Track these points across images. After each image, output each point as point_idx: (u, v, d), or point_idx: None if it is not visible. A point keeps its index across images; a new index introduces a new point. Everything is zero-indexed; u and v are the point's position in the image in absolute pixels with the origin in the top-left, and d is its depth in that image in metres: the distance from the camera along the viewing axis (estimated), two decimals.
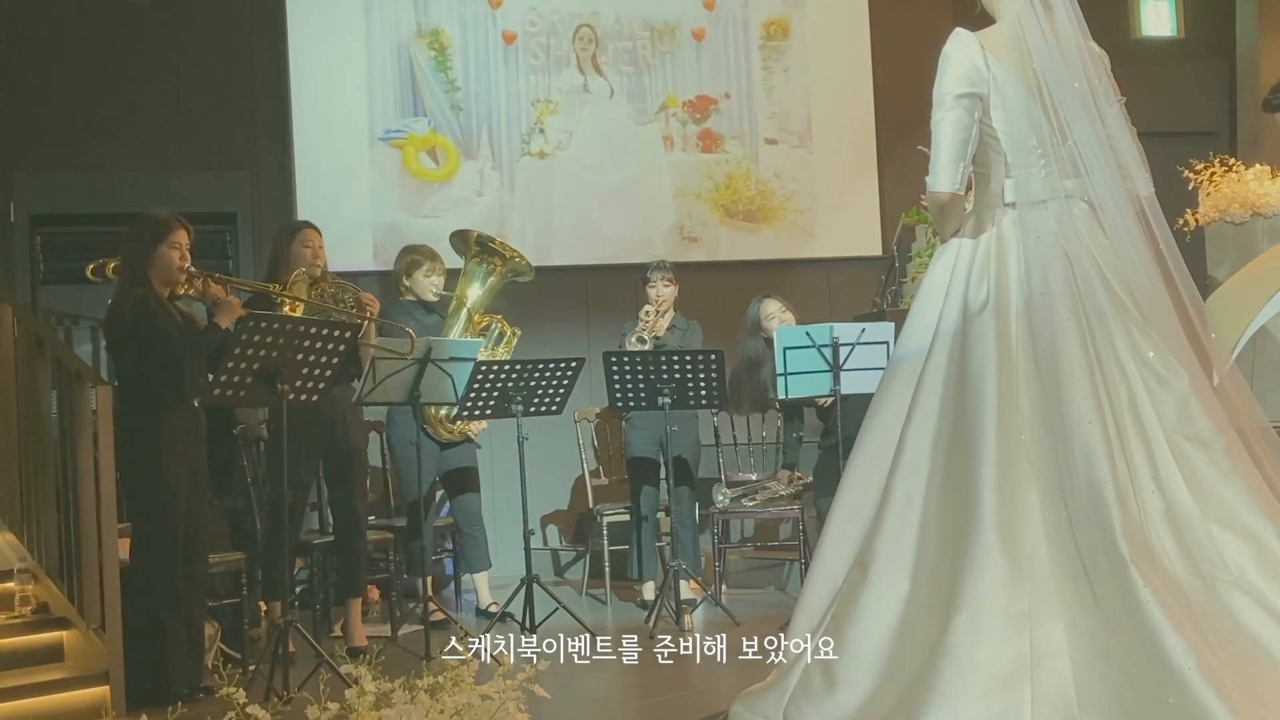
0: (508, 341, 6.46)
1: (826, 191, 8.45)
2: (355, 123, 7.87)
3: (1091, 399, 3.19)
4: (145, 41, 7.68)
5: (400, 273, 6.44)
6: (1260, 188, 6.47)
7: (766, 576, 7.26)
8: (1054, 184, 3.38)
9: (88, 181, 7.61)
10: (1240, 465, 3.21)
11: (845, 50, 8.54)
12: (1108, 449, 3.13)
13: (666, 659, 5.33)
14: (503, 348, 6.43)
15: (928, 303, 3.50)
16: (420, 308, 6.38)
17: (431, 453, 6.32)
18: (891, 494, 3.35)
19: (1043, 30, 3.37)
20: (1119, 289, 3.31)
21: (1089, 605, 3.05)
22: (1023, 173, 3.41)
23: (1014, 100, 3.39)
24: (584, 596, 7.03)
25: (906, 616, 3.25)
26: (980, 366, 3.32)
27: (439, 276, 6.39)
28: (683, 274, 6.70)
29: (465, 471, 6.50)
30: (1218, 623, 2.98)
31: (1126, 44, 8.85)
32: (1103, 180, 3.34)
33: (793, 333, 5.83)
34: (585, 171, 8.13)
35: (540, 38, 8.12)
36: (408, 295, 6.41)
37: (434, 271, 6.38)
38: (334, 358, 4.85)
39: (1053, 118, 3.36)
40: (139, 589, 4.72)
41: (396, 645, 5.74)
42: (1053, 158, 3.38)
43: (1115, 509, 3.06)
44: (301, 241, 5.63)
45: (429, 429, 6.30)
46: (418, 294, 6.38)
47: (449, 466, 6.46)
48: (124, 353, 4.87)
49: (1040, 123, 3.38)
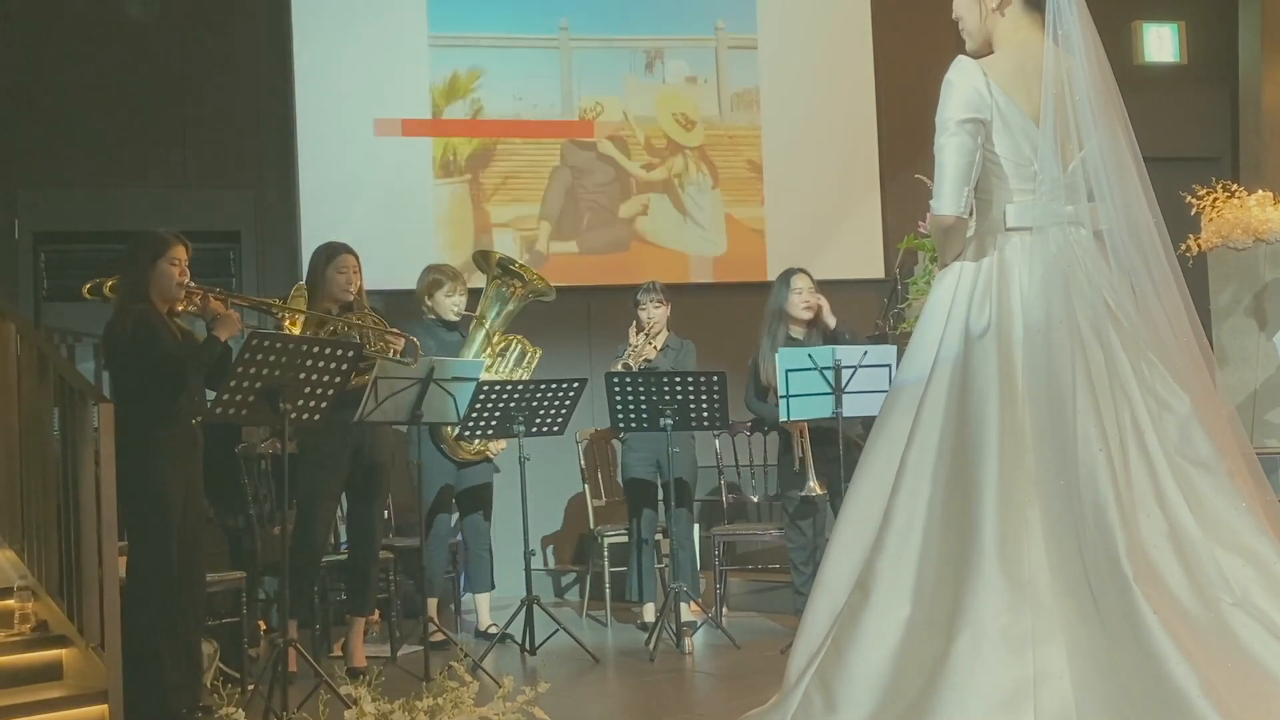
0: (529, 361, 6.47)
1: (829, 213, 8.47)
2: (361, 142, 7.89)
3: (1095, 422, 3.19)
4: (151, 60, 7.71)
5: (422, 291, 6.46)
6: (1263, 213, 6.48)
7: (768, 600, 7.25)
8: (1056, 210, 3.40)
9: (92, 199, 7.63)
10: (1243, 488, 3.21)
11: (848, 73, 8.57)
12: (1111, 472, 3.13)
13: (667, 681, 5.35)
14: (524, 368, 6.44)
15: (929, 328, 3.51)
16: (441, 326, 6.40)
17: (447, 470, 6.33)
18: (892, 516, 3.35)
19: (1056, 56, 3.39)
20: (1120, 314, 3.32)
21: (1092, 627, 3.04)
22: (1025, 198, 3.43)
23: (1016, 126, 3.41)
24: (584, 618, 7.01)
25: (907, 639, 3.24)
26: (982, 390, 3.32)
27: (460, 296, 6.41)
28: (683, 295, 6.70)
29: (480, 490, 6.50)
30: (1221, 645, 2.97)
31: (1130, 70, 8.88)
32: (1108, 207, 3.36)
33: (795, 355, 5.82)
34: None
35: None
36: (429, 314, 6.43)
37: (455, 291, 6.39)
38: (337, 377, 4.84)
39: (1057, 144, 3.38)
40: (135, 607, 4.71)
41: (396, 666, 5.72)
42: (1055, 184, 3.40)
43: (1119, 531, 3.06)
44: (337, 267, 5.63)
45: (445, 448, 6.30)
46: (439, 313, 6.40)
47: (465, 484, 6.46)
48: (123, 369, 4.87)
49: (1042, 149, 3.39)
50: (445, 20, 8.08)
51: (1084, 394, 3.23)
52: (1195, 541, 3.11)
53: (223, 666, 5.32)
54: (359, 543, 5.78)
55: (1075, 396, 3.23)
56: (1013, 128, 3.41)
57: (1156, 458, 3.20)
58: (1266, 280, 6.53)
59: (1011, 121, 3.41)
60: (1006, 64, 3.45)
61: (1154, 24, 9.07)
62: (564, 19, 8.22)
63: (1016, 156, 3.43)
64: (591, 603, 7.14)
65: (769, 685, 5.21)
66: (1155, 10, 9.10)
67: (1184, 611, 3.00)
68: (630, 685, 5.39)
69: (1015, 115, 3.40)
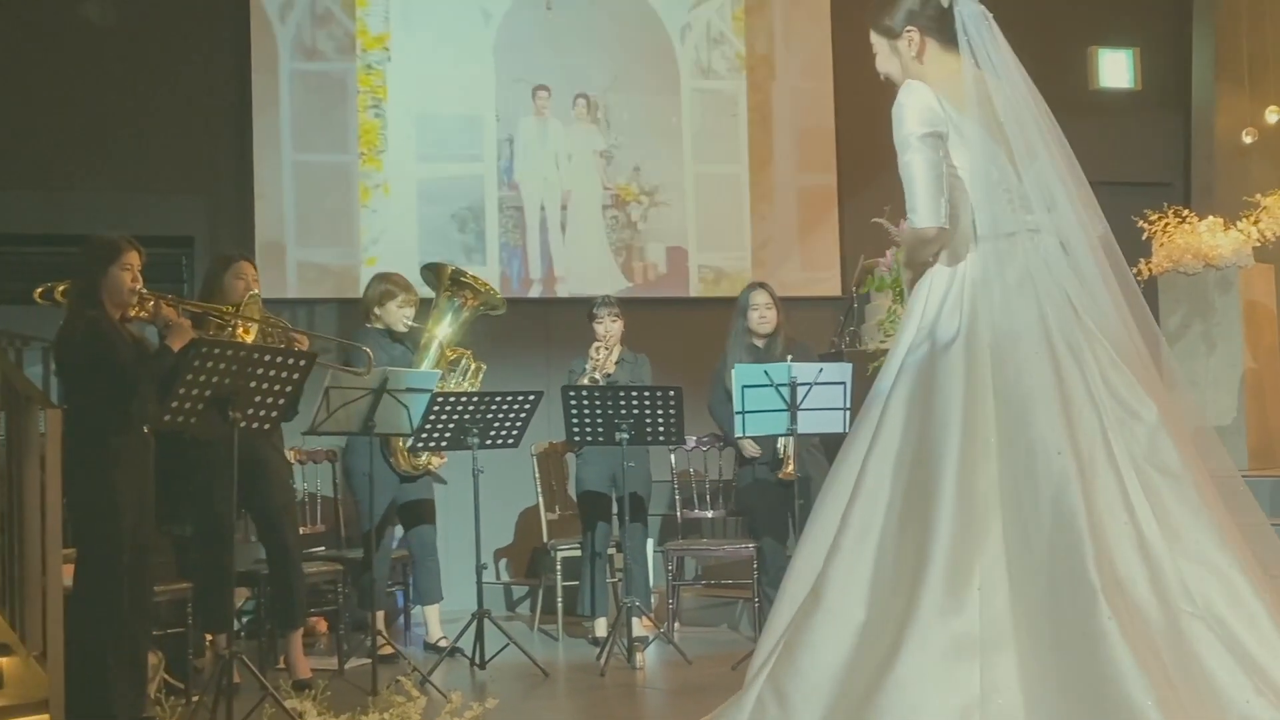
0: (473, 375, 6.44)
1: (786, 231, 8.51)
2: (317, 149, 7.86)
3: (1063, 430, 3.21)
4: (105, 63, 7.65)
5: (372, 300, 6.39)
6: (1212, 239, 6.56)
7: (720, 614, 7.24)
8: (1019, 218, 3.44)
9: (42, 201, 7.54)
10: (1208, 499, 3.23)
11: (807, 92, 8.62)
12: (1080, 480, 3.15)
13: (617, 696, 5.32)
14: (468, 381, 6.41)
15: (902, 337, 3.54)
16: (387, 336, 6.34)
17: (390, 483, 6.28)
18: (849, 521, 3.36)
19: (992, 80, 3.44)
20: (1090, 321, 3.36)
21: (1047, 637, 3.05)
22: (988, 206, 3.46)
23: (973, 138, 3.45)
24: (535, 632, 6.98)
25: (859, 645, 3.25)
26: (947, 398, 3.33)
27: (411, 308, 6.36)
28: (638, 309, 6.71)
29: (422, 503, 6.45)
30: (1179, 658, 2.99)
31: (1084, 95, 8.99)
32: (1065, 217, 3.40)
33: (750, 371, 5.84)
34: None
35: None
36: (377, 323, 6.37)
37: (407, 303, 6.34)
38: (288, 386, 4.80)
39: (1011, 157, 3.42)
40: (81, 615, 4.64)
41: (343, 679, 5.67)
42: (1015, 194, 3.44)
43: (1088, 540, 3.07)
44: (235, 274, 5.58)
45: (392, 460, 6.25)
46: (388, 323, 6.34)
47: (406, 498, 6.40)
48: (74, 376, 4.81)
49: (1000, 159, 3.43)
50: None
51: (1054, 401, 3.25)
52: (1159, 551, 3.13)
53: (167, 677, 5.26)
54: (274, 559, 5.68)
55: (1045, 403, 3.25)
56: (969, 139, 3.45)
57: (1124, 466, 3.22)
58: (1216, 305, 6.61)
59: (967, 133, 3.45)
60: (948, 89, 3.50)
61: (1109, 50, 9.19)
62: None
63: (975, 166, 3.47)
64: (543, 617, 7.11)
65: (720, 701, 5.20)
66: (1110, 36, 9.22)
67: (1145, 622, 3.01)
68: (580, 700, 5.37)
69: (970, 127, 3.45)
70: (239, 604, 6.33)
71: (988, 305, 3.40)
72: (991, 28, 3.51)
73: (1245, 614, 3.09)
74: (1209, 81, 8.98)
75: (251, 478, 5.50)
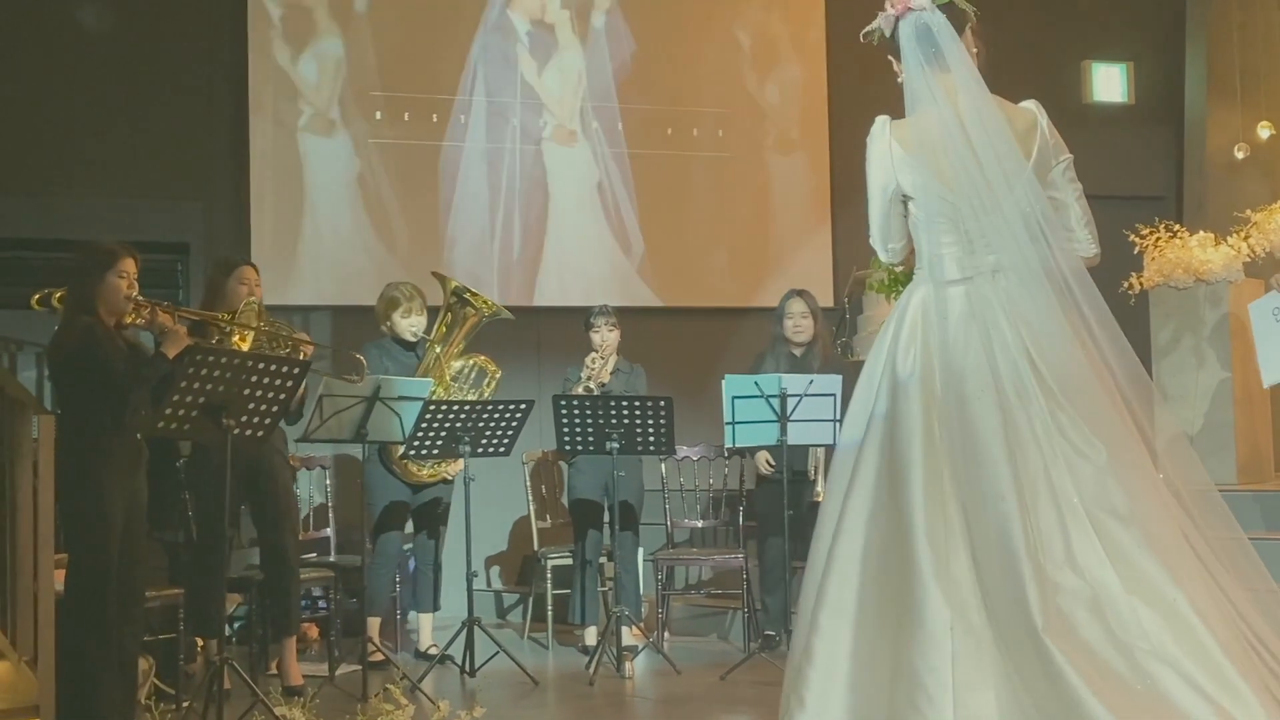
0: (489, 381, 6.42)
1: (779, 242, 8.54)
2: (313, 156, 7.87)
3: (1007, 474, 3.25)
4: (102, 69, 7.66)
5: (381, 311, 6.39)
6: (1203, 254, 6.57)
7: (710, 624, 7.26)
8: (975, 261, 3.46)
9: (38, 206, 7.56)
10: (1163, 535, 3.25)
11: (801, 106, 8.65)
12: (1023, 522, 3.19)
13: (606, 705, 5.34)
14: (484, 388, 6.38)
15: (871, 368, 3.58)
16: (399, 345, 6.34)
17: (401, 489, 6.29)
18: (834, 562, 3.39)
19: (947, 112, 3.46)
20: (1040, 363, 3.37)
21: (1013, 675, 3.10)
22: (935, 252, 3.52)
23: (920, 185, 3.50)
24: (526, 640, 6.99)
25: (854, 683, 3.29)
26: (907, 438, 3.38)
27: (418, 316, 6.32)
28: (633, 319, 6.72)
29: (432, 510, 6.44)
30: (1139, 690, 3.01)
31: (1078, 108, 9.03)
32: (1014, 257, 3.41)
33: (741, 382, 5.86)
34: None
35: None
36: (388, 334, 6.37)
37: (412, 312, 6.30)
38: (282, 394, 4.81)
39: (964, 198, 3.44)
40: (72, 620, 4.65)
41: (334, 685, 5.69)
42: (970, 236, 3.46)
43: (1031, 583, 3.11)
44: (238, 279, 5.58)
45: (397, 470, 6.25)
46: (397, 333, 6.34)
47: (420, 501, 6.41)
48: (68, 381, 4.82)
49: (953, 204, 3.46)
50: None
51: (997, 444, 3.28)
52: (1113, 591, 3.16)
53: (158, 683, 5.27)
54: (272, 565, 5.70)
55: (986, 447, 3.28)
56: (917, 187, 3.52)
57: (1069, 509, 3.25)
58: (1206, 319, 6.64)
59: (916, 181, 3.51)
60: (920, 121, 3.54)
61: (1103, 64, 9.24)
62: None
63: (923, 212, 3.53)
64: (534, 625, 7.12)
65: (708, 710, 5.24)
66: (1105, 50, 9.26)
67: (1100, 662, 3.04)
68: (569, 709, 5.38)
69: (919, 174, 3.50)
70: (230, 610, 6.35)
71: (937, 346, 3.44)
72: (939, 37, 3.52)
73: (1195, 648, 3.09)
74: (1201, 96, 9.01)
75: (254, 481, 5.54)
